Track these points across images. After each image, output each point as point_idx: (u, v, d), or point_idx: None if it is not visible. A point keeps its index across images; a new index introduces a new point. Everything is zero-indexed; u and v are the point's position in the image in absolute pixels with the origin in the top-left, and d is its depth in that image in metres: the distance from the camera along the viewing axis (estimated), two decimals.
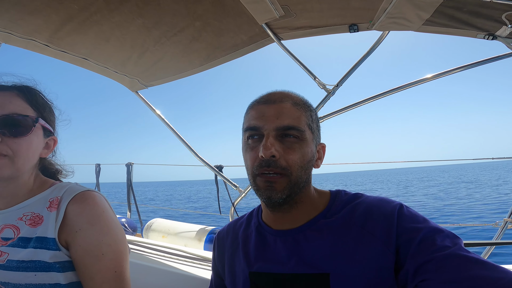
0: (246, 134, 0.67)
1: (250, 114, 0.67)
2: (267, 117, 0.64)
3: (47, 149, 0.81)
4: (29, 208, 0.74)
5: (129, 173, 2.65)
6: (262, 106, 0.66)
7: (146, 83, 1.95)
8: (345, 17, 1.23)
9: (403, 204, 0.63)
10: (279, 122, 0.63)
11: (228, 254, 0.78)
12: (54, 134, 0.83)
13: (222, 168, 2.09)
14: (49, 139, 0.81)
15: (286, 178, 0.62)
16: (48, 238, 0.69)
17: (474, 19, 0.99)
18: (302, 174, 0.64)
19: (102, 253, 0.71)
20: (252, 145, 0.66)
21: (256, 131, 0.64)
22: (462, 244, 0.54)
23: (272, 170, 0.61)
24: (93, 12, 1.21)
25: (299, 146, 0.63)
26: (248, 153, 0.66)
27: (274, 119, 0.63)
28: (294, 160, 0.62)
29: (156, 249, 1.60)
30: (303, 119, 0.65)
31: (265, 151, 0.60)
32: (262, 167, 0.62)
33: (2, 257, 0.68)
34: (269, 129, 0.63)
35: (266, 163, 0.61)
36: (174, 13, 1.25)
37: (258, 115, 0.65)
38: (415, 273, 0.54)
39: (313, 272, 0.61)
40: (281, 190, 0.62)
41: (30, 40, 1.37)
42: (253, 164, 0.64)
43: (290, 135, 0.63)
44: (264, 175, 0.62)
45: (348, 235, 0.62)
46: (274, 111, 0.64)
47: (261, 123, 0.64)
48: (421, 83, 1.38)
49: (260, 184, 0.63)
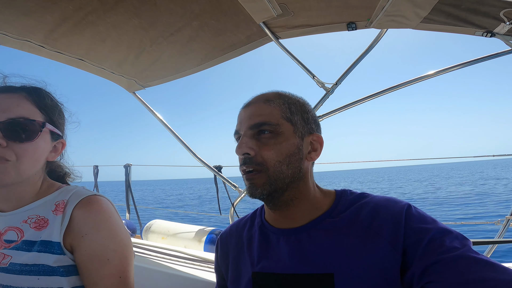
0: (235, 139, 0.72)
1: (237, 119, 0.73)
2: (242, 120, 0.69)
3: (55, 152, 0.79)
4: (35, 211, 0.73)
5: (127, 175, 2.64)
6: (241, 110, 0.71)
7: (143, 83, 1.94)
8: (343, 15, 1.23)
9: (411, 204, 0.62)
10: (250, 121, 0.67)
11: (232, 254, 0.77)
12: (63, 137, 0.82)
13: (221, 168, 2.08)
14: (57, 142, 0.79)
15: (264, 174, 0.64)
16: (53, 242, 0.69)
17: (472, 17, 0.99)
18: (283, 169, 0.64)
19: (107, 258, 0.70)
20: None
21: (237, 134, 0.70)
22: (471, 246, 0.53)
23: (248, 167, 0.64)
24: (88, 13, 1.20)
25: (274, 141, 0.64)
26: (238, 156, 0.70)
27: (247, 120, 0.67)
28: (269, 155, 0.64)
29: (156, 251, 1.59)
30: (276, 113, 0.66)
31: (238, 149, 0.65)
32: (241, 166, 0.66)
33: (5, 260, 0.68)
34: (244, 129, 0.67)
35: (244, 161, 0.65)
36: (171, 13, 1.24)
37: (238, 120, 0.71)
38: (422, 275, 0.53)
39: (317, 272, 0.60)
40: (261, 185, 0.64)
41: (25, 41, 1.35)
42: (240, 165, 0.68)
43: (264, 131, 0.65)
44: (246, 174, 0.66)
45: (354, 235, 0.61)
46: (249, 112, 0.68)
47: (239, 126, 0.70)
48: (423, 79, 1.38)
49: (245, 182, 0.67)
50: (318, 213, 0.67)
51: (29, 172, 0.72)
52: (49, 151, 0.77)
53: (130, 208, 2.62)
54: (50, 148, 0.78)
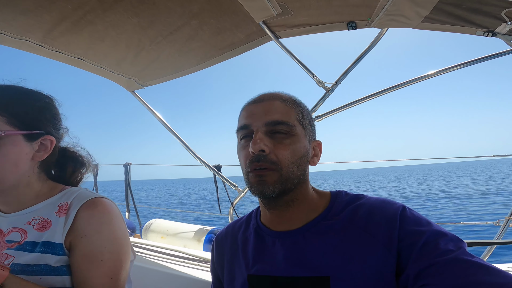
0: (239, 134, 0.69)
1: (241, 115, 0.69)
2: (256, 115, 0.65)
3: (43, 151, 0.75)
4: (38, 212, 0.74)
5: (127, 174, 2.64)
6: (252, 105, 0.68)
7: (142, 82, 1.93)
8: (343, 15, 1.22)
9: (406, 206, 0.62)
10: (267, 118, 0.64)
11: (227, 257, 0.77)
12: (53, 133, 0.77)
13: (221, 167, 2.08)
14: (40, 140, 0.74)
15: (276, 172, 0.62)
16: (55, 243, 0.69)
17: (473, 16, 0.98)
18: (295, 170, 0.63)
19: (101, 259, 0.70)
20: (244, 144, 0.67)
21: (247, 130, 0.66)
22: (466, 248, 0.53)
23: (262, 165, 0.62)
24: (86, 12, 1.19)
25: (289, 141, 0.64)
26: (241, 152, 0.67)
27: (263, 115, 0.64)
28: (284, 154, 0.62)
29: (155, 250, 1.59)
30: (292, 115, 0.66)
31: (254, 145, 0.61)
32: (253, 163, 0.63)
33: (8, 260, 0.68)
34: (258, 125, 0.64)
35: (256, 158, 0.62)
36: (170, 12, 1.23)
37: (248, 114, 0.67)
38: (416, 278, 0.52)
39: (312, 275, 0.60)
40: (272, 183, 0.62)
41: (24, 40, 1.35)
42: (245, 162, 0.65)
43: (280, 130, 0.64)
44: (255, 170, 0.63)
45: (349, 238, 0.61)
46: (263, 108, 0.66)
47: (250, 121, 0.65)
48: (423, 79, 1.37)
49: (252, 180, 0.64)
50: (313, 215, 0.67)
51: (11, 178, 0.70)
52: (28, 152, 0.72)
53: (130, 207, 2.62)
54: (30, 149, 0.72)
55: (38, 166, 0.76)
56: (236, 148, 0.71)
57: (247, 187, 0.67)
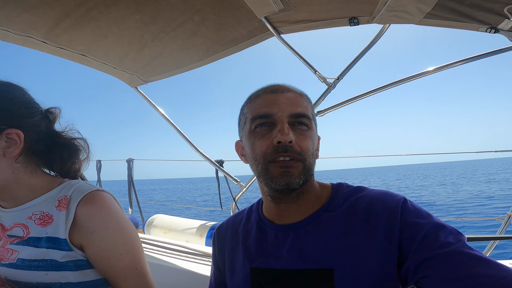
0: (254, 122, 0.65)
1: (257, 103, 0.66)
2: (279, 105, 0.64)
3: (13, 145, 0.70)
4: (38, 207, 0.73)
5: (130, 169, 2.66)
6: (271, 95, 0.66)
7: (145, 78, 1.94)
8: (345, 10, 1.22)
9: (407, 198, 0.63)
10: (292, 109, 0.64)
11: (228, 249, 0.78)
12: (18, 123, 0.71)
13: (223, 162, 2.08)
14: (4, 135, 0.69)
15: (301, 163, 0.62)
16: (60, 239, 0.69)
17: (476, 12, 0.98)
18: (312, 162, 0.65)
19: (120, 253, 0.72)
20: (261, 133, 0.64)
21: (267, 119, 0.64)
22: (465, 241, 0.54)
23: (289, 155, 0.60)
24: (89, 8, 1.20)
25: (309, 134, 0.65)
26: (258, 141, 0.64)
27: (287, 106, 0.64)
28: (306, 146, 0.63)
29: (158, 245, 1.61)
30: (309, 109, 0.67)
31: (284, 136, 0.60)
32: (279, 153, 0.61)
33: (13, 255, 0.69)
34: (283, 116, 0.63)
35: (283, 148, 0.60)
36: (172, 8, 1.23)
37: (268, 103, 0.64)
38: (417, 269, 0.53)
39: (316, 268, 0.61)
40: (298, 175, 0.61)
41: (27, 37, 1.36)
42: (265, 151, 0.62)
43: (301, 123, 0.64)
44: (280, 161, 0.61)
45: (352, 230, 0.61)
46: (285, 99, 0.65)
47: (274, 110, 0.63)
48: (423, 75, 1.37)
49: (274, 171, 0.62)
50: (316, 207, 0.68)
51: None
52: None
53: (133, 203, 2.65)
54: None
55: (18, 159, 0.72)
56: (245, 137, 0.69)
57: (264, 179, 0.64)
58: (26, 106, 0.73)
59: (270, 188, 0.66)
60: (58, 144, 0.79)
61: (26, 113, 0.73)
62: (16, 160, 0.72)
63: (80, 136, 0.83)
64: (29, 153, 0.74)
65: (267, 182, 0.64)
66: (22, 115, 0.72)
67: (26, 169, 0.74)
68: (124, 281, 0.73)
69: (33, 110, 0.75)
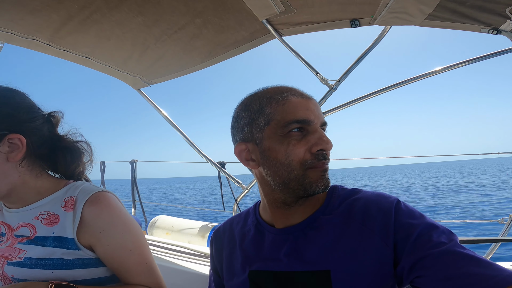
0: (288, 127, 0.62)
1: (289, 106, 0.63)
2: (313, 111, 0.64)
3: (16, 150, 0.71)
4: (45, 207, 0.75)
5: (133, 171, 2.68)
6: (303, 100, 0.65)
7: (148, 80, 1.95)
8: (347, 12, 1.22)
9: (400, 200, 0.63)
10: (322, 118, 0.66)
11: (226, 252, 0.78)
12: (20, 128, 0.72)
13: (225, 164, 2.09)
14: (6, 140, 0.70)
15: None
16: (67, 238, 0.71)
17: (478, 13, 0.98)
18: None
19: (130, 249, 0.74)
20: (297, 137, 0.62)
21: (304, 124, 0.62)
22: (457, 240, 0.54)
23: (327, 162, 0.64)
24: (92, 11, 1.21)
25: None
26: (294, 146, 0.62)
27: (319, 114, 0.66)
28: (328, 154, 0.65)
29: (161, 246, 1.62)
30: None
31: (327, 144, 0.62)
32: (320, 160, 0.62)
33: (20, 254, 0.70)
34: (318, 123, 0.65)
35: (323, 156, 0.62)
36: (174, 11, 1.24)
37: (304, 108, 0.63)
38: (411, 269, 0.54)
39: (313, 270, 0.61)
40: (328, 178, 0.65)
41: (32, 39, 1.38)
42: (302, 157, 0.61)
43: (324, 130, 0.67)
44: (319, 167, 0.62)
45: (348, 232, 0.62)
46: (316, 107, 0.66)
47: (311, 117, 0.63)
48: (428, 76, 1.37)
49: (315, 176, 0.62)
50: (312, 209, 0.68)
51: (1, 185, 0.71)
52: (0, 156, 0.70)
53: (136, 204, 2.66)
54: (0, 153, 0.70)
55: (22, 163, 0.73)
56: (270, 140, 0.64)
57: (297, 184, 0.63)
58: (27, 111, 0.74)
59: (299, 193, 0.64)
60: (61, 147, 0.80)
61: (27, 118, 0.74)
62: (20, 164, 0.73)
63: (83, 139, 0.85)
64: (33, 157, 0.75)
65: (303, 187, 0.63)
66: (23, 120, 0.73)
67: (31, 172, 0.75)
68: (136, 277, 0.75)
69: (34, 114, 0.76)
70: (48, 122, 0.80)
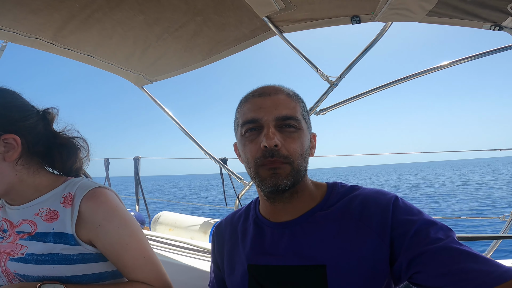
0: (243, 128, 0.67)
1: (246, 107, 0.68)
2: (265, 109, 0.65)
3: (12, 149, 0.72)
4: (44, 204, 0.76)
5: (136, 167, 2.70)
6: (258, 99, 0.67)
7: (150, 78, 1.97)
8: (347, 9, 1.21)
9: (398, 196, 0.64)
10: (277, 113, 0.64)
11: (227, 247, 0.79)
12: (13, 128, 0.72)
13: (227, 160, 2.10)
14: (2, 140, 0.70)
15: (289, 165, 0.63)
16: (67, 234, 0.72)
17: (479, 10, 0.97)
18: (303, 162, 0.65)
19: (126, 243, 0.75)
20: (250, 137, 0.65)
21: (255, 123, 0.65)
22: (454, 237, 0.55)
23: (276, 159, 0.62)
24: (94, 10, 1.22)
25: (297, 135, 0.65)
26: (247, 146, 0.66)
27: (273, 110, 0.64)
28: (294, 149, 0.63)
29: (163, 242, 1.64)
30: (298, 110, 0.67)
31: (269, 141, 0.61)
32: (266, 158, 0.62)
33: (22, 250, 0.71)
34: (269, 119, 0.64)
35: (270, 153, 0.61)
36: (174, 9, 1.25)
37: (255, 108, 0.66)
38: (409, 266, 0.55)
39: (310, 264, 0.62)
40: (286, 176, 0.63)
41: (35, 38, 1.39)
42: (254, 155, 0.64)
43: (289, 125, 0.64)
44: (268, 164, 0.62)
45: (345, 227, 0.63)
46: (271, 102, 0.65)
47: (260, 115, 0.64)
48: (429, 72, 1.36)
49: (264, 173, 0.63)
50: (311, 205, 0.69)
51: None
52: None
53: (140, 200, 2.69)
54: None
55: (18, 162, 0.74)
56: (237, 141, 0.72)
57: (255, 181, 0.67)
58: (19, 109, 0.75)
59: (262, 190, 0.67)
60: (56, 144, 0.80)
61: (20, 117, 0.74)
62: (17, 163, 0.74)
63: (79, 135, 0.85)
64: (29, 155, 0.76)
65: (258, 184, 0.67)
66: (16, 119, 0.73)
67: (28, 170, 0.76)
68: (133, 271, 0.75)
69: (27, 113, 0.76)
70: (43, 119, 0.80)
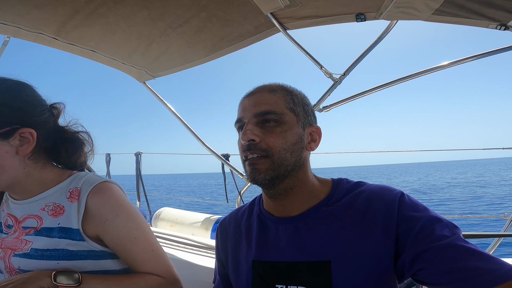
0: (236, 127, 0.73)
1: (238, 109, 0.73)
2: (246, 108, 0.69)
3: (26, 144, 0.72)
4: (50, 198, 0.76)
5: (138, 163, 2.71)
6: (244, 99, 0.72)
7: (153, 73, 1.96)
8: (352, 6, 1.21)
9: (404, 193, 0.64)
10: (256, 110, 0.67)
11: (231, 243, 0.80)
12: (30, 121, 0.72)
13: (229, 156, 2.10)
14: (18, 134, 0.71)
15: (268, 159, 0.64)
16: (72, 229, 0.72)
17: (485, 9, 0.96)
18: (288, 156, 0.65)
19: (134, 237, 0.76)
20: (239, 136, 0.70)
21: (240, 123, 0.70)
22: (460, 234, 0.55)
23: (253, 152, 0.65)
24: (98, 5, 1.22)
25: (280, 129, 0.66)
26: (238, 143, 0.71)
27: (252, 108, 0.68)
28: (274, 142, 0.64)
29: (165, 238, 1.65)
30: (281, 103, 0.68)
31: (244, 136, 0.65)
32: (245, 152, 0.66)
33: (27, 246, 0.71)
34: (248, 117, 0.67)
35: (248, 147, 0.65)
36: (179, 4, 1.24)
37: (241, 108, 0.71)
38: (413, 262, 0.55)
39: (314, 260, 0.62)
40: (264, 171, 0.64)
41: (39, 33, 1.39)
42: (241, 152, 0.69)
43: (269, 120, 0.66)
44: (249, 159, 0.66)
45: (350, 223, 0.63)
46: (253, 101, 0.69)
47: (243, 114, 0.69)
48: (434, 71, 1.35)
49: (247, 168, 0.67)
50: (315, 201, 0.69)
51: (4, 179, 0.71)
52: (9, 150, 0.70)
53: (141, 196, 2.70)
54: (10, 147, 0.70)
55: (30, 156, 0.74)
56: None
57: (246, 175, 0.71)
58: (36, 104, 0.75)
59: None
60: (63, 138, 0.81)
61: (37, 112, 0.75)
62: (29, 157, 0.74)
63: (84, 129, 0.86)
64: (40, 150, 0.76)
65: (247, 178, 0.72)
66: (33, 113, 0.74)
67: (36, 164, 0.76)
68: (143, 264, 0.76)
69: (43, 108, 0.77)
70: (52, 114, 0.80)
